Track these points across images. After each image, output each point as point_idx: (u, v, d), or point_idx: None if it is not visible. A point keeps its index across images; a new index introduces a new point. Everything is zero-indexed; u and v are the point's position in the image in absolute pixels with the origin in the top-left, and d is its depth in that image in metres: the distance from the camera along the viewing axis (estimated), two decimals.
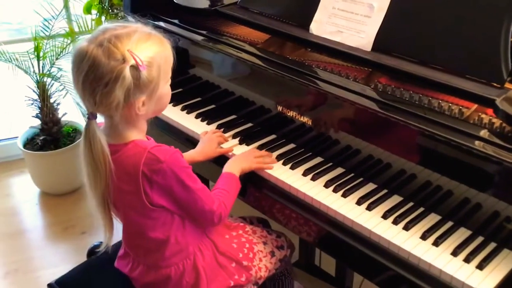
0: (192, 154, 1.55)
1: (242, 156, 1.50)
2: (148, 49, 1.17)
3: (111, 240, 1.33)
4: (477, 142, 1.17)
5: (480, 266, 1.15)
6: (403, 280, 1.21)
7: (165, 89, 1.24)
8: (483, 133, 1.19)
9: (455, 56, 1.37)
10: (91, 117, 1.17)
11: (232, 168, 1.44)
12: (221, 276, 1.39)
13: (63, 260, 2.35)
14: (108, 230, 1.30)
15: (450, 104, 1.29)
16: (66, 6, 2.71)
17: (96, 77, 1.12)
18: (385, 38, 1.48)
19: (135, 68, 1.13)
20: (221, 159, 1.57)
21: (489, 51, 1.32)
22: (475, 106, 1.27)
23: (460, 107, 1.27)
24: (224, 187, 1.38)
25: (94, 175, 1.20)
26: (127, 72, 1.12)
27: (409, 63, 1.42)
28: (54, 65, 2.55)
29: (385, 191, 1.38)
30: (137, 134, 1.24)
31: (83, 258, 1.61)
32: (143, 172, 1.19)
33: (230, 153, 1.57)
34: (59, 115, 2.71)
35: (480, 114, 1.24)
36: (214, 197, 1.31)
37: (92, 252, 1.60)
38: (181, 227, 1.31)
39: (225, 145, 1.60)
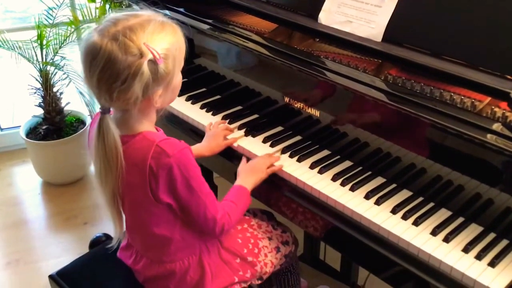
0: (200, 149, 1.52)
1: (253, 168, 1.43)
2: (163, 40, 1.12)
3: (122, 234, 1.30)
4: (489, 136, 1.14)
5: (492, 264, 1.13)
6: (411, 276, 1.18)
7: (178, 79, 1.21)
8: (496, 126, 1.16)
9: (468, 47, 1.34)
10: (105, 111, 1.13)
11: (246, 181, 1.39)
12: (225, 272, 1.36)
13: (65, 251, 2.34)
14: (118, 225, 1.27)
15: (463, 97, 1.25)
16: None
17: (113, 73, 1.08)
18: (396, 29, 1.45)
19: (153, 62, 1.09)
20: (229, 152, 1.55)
21: (503, 42, 1.29)
22: (488, 99, 1.24)
23: (473, 100, 1.24)
24: (233, 199, 1.33)
25: (106, 170, 1.16)
26: (145, 67, 1.08)
27: (421, 55, 1.38)
28: (57, 54, 2.52)
29: (394, 185, 1.36)
30: (148, 126, 1.21)
31: (85, 249, 1.60)
32: (150, 166, 1.15)
33: (235, 145, 1.55)
34: (62, 105, 2.69)
35: (493, 107, 1.21)
36: (219, 206, 1.27)
37: (94, 244, 1.58)
38: (186, 225, 1.28)
39: (231, 136, 1.58)
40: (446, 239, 1.19)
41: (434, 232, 1.21)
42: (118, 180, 1.17)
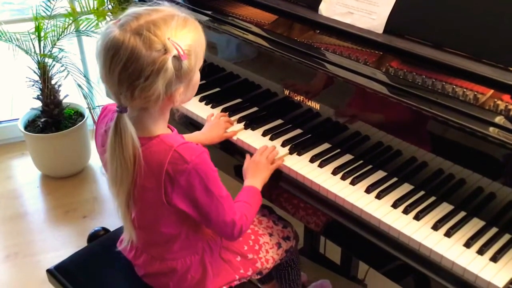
0: (198, 136, 1.50)
1: (257, 167, 1.41)
2: (186, 36, 1.09)
3: (134, 236, 1.24)
4: (491, 129, 1.13)
5: (494, 259, 1.11)
6: (412, 270, 1.17)
7: (197, 76, 1.18)
8: (499, 119, 1.15)
9: (470, 39, 1.32)
10: (122, 110, 1.08)
11: (255, 182, 1.37)
12: (226, 270, 1.35)
13: (63, 244, 2.33)
14: (130, 227, 1.21)
15: (465, 90, 1.24)
16: None
17: (136, 69, 1.03)
18: (397, 20, 1.43)
19: (177, 58, 1.06)
20: (227, 145, 1.54)
21: (506, 34, 1.27)
22: (491, 91, 1.22)
23: (475, 93, 1.22)
24: (246, 200, 1.31)
25: (122, 171, 1.11)
26: (169, 63, 1.04)
27: (422, 46, 1.37)
28: (55, 46, 2.50)
29: (395, 179, 1.35)
30: (163, 126, 1.18)
31: (84, 242, 1.59)
32: (167, 171, 1.11)
33: (235, 138, 1.53)
34: (61, 97, 2.67)
35: (496, 100, 1.19)
36: (236, 208, 1.25)
37: (92, 237, 1.57)
38: (193, 224, 1.25)
39: (231, 129, 1.56)
40: (448, 234, 1.17)
41: (435, 227, 1.19)
42: (134, 182, 1.14)
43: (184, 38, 1.08)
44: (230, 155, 1.53)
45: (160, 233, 1.24)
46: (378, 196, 1.29)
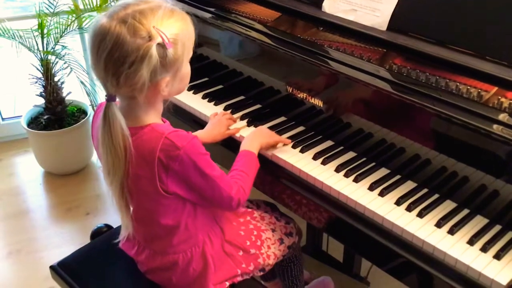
0: (202, 135, 1.51)
1: (259, 132, 1.46)
2: (172, 25, 1.11)
3: (131, 227, 1.27)
4: (495, 126, 1.13)
5: (498, 256, 1.11)
6: (415, 268, 1.17)
7: (186, 68, 1.19)
8: (503, 116, 1.14)
9: (474, 36, 1.31)
10: (110, 99, 1.11)
11: (251, 145, 1.39)
12: (227, 264, 1.36)
13: (66, 241, 2.34)
14: (126, 218, 1.25)
15: (469, 87, 1.23)
16: None
17: (121, 56, 1.06)
18: (401, 17, 1.43)
19: (161, 46, 1.08)
20: (230, 142, 1.54)
21: (510, 31, 1.26)
22: (495, 89, 1.22)
23: (479, 90, 1.22)
24: (243, 168, 1.33)
25: (114, 161, 1.13)
26: (153, 50, 1.06)
27: (426, 44, 1.36)
28: (58, 43, 2.50)
29: (398, 176, 1.34)
30: (155, 117, 1.19)
31: (87, 239, 1.59)
32: (159, 158, 1.13)
33: (238, 135, 1.53)
34: (63, 94, 2.67)
35: (499, 97, 1.19)
36: (232, 182, 1.27)
37: (95, 234, 1.57)
38: (192, 213, 1.27)
39: (233, 127, 1.56)
40: (451, 231, 1.17)
41: (438, 224, 1.19)
42: (127, 171, 1.16)
43: (170, 27, 1.10)
44: (234, 152, 1.53)
45: (159, 225, 1.25)
46: (382, 194, 1.28)
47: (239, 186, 1.28)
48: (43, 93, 2.61)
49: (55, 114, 2.64)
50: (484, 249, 1.13)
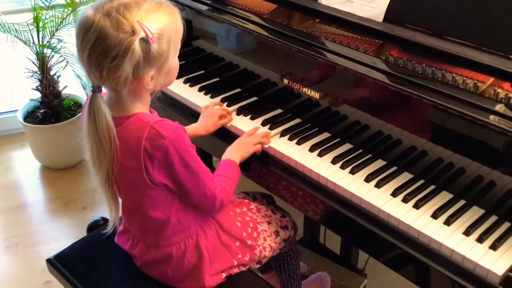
0: (194, 128, 1.51)
1: (240, 143, 1.44)
2: (158, 20, 1.10)
3: (118, 219, 1.29)
4: (492, 117, 1.13)
5: (494, 247, 1.11)
6: (412, 259, 1.17)
7: (174, 62, 1.19)
8: (499, 107, 1.14)
9: (470, 27, 1.31)
10: (96, 90, 1.11)
11: (232, 155, 1.39)
12: (224, 255, 1.35)
13: (64, 235, 2.33)
14: (113, 209, 1.26)
15: (465, 78, 1.23)
16: None
17: (104, 50, 1.06)
18: (397, 8, 1.42)
19: (145, 41, 1.07)
20: (223, 132, 1.54)
21: (506, 22, 1.26)
22: (491, 79, 1.22)
23: (475, 81, 1.22)
24: (225, 173, 1.33)
25: (98, 151, 1.14)
26: (136, 45, 1.06)
27: (423, 35, 1.36)
28: (54, 36, 2.49)
29: (394, 168, 1.34)
30: (141, 107, 1.19)
31: (84, 233, 1.59)
32: (145, 147, 1.13)
33: (229, 124, 1.54)
34: (60, 88, 2.66)
35: (496, 88, 1.19)
36: (216, 181, 1.27)
37: (92, 227, 1.57)
38: (182, 207, 1.27)
39: (234, 124, 1.55)
40: (447, 222, 1.17)
41: (435, 215, 1.19)
42: (112, 162, 1.16)
43: (155, 22, 1.09)
44: (226, 142, 1.53)
45: (149, 218, 1.25)
46: (378, 185, 1.28)
47: (222, 187, 1.27)
48: (39, 87, 2.60)
49: (52, 108, 2.64)
50: (480, 239, 1.13)
